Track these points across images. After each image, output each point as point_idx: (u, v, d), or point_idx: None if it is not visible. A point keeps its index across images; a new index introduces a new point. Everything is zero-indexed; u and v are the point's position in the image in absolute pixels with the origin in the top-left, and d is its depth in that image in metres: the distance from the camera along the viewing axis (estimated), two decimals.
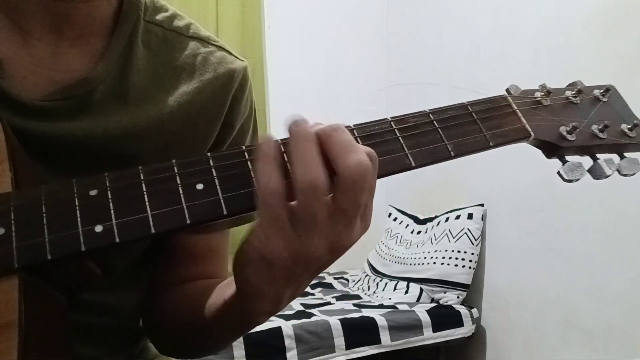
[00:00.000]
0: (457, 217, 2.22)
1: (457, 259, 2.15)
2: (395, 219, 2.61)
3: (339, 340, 1.91)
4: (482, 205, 2.21)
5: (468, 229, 2.16)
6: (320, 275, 2.65)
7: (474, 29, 2.30)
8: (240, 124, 0.63)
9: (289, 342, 1.84)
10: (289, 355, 1.83)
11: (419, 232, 2.42)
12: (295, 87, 2.71)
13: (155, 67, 0.56)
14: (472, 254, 2.15)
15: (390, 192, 2.83)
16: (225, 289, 0.50)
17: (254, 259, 0.39)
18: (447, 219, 2.26)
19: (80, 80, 0.52)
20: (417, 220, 2.49)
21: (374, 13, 2.93)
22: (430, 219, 2.39)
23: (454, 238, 2.18)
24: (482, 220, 2.19)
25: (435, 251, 2.21)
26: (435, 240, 2.25)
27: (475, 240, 2.16)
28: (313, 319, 1.96)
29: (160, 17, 0.59)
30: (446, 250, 2.18)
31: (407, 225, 2.52)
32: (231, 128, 0.61)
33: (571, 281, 1.84)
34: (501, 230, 2.17)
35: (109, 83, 0.53)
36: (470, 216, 2.19)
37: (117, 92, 0.53)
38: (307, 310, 2.09)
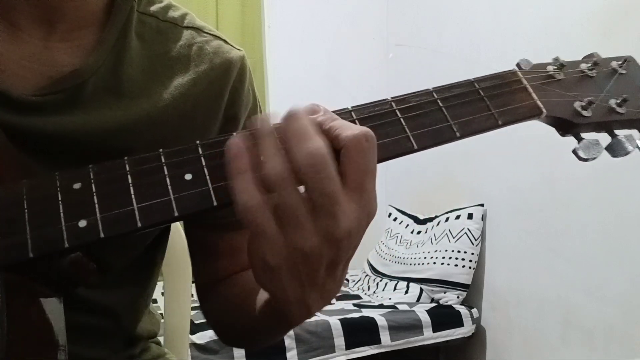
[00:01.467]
0: (457, 217, 2.22)
1: (457, 259, 2.15)
2: (395, 219, 2.61)
3: (339, 340, 1.91)
4: (482, 205, 2.21)
5: (468, 229, 2.16)
6: None
7: (474, 29, 2.29)
8: (247, 116, 0.61)
9: (289, 342, 1.84)
10: (289, 355, 1.83)
11: (419, 232, 2.42)
12: (295, 87, 2.70)
13: (149, 59, 0.55)
14: (472, 254, 2.15)
15: (390, 192, 2.83)
16: (258, 290, 0.49)
17: (256, 266, 0.38)
18: (447, 219, 2.26)
19: (70, 73, 0.50)
20: (417, 220, 2.49)
21: (374, 13, 2.93)
22: (430, 219, 2.39)
23: (454, 238, 2.18)
24: (482, 220, 2.19)
25: (435, 251, 2.21)
26: (435, 240, 2.25)
27: (475, 240, 2.16)
28: (313, 318, 1.96)
29: (154, 8, 0.58)
30: (446, 250, 2.18)
31: (407, 225, 2.52)
32: (236, 121, 0.60)
33: (571, 281, 1.84)
34: (501, 230, 2.17)
35: (101, 75, 0.52)
36: (470, 216, 2.19)
37: (110, 85, 0.52)
38: None
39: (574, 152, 0.47)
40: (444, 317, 2.09)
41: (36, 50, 0.50)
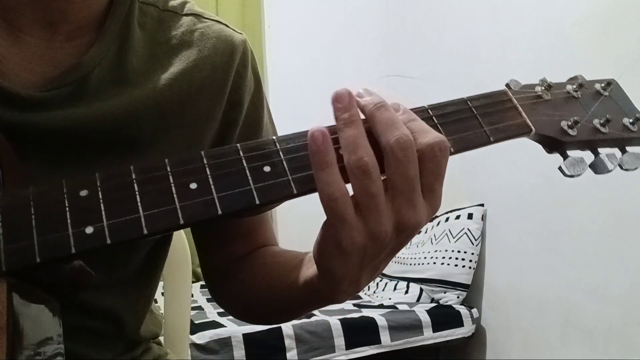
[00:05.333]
0: (457, 217, 2.22)
1: (457, 259, 2.15)
2: None
3: (339, 340, 1.91)
4: (482, 205, 2.21)
5: (468, 229, 2.16)
6: None
7: (474, 29, 2.29)
8: (250, 100, 0.61)
9: (289, 342, 1.84)
10: (289, 355, 1.83)
11: (419, 232, 2.42)
12: (295, 86, 2.70)
13: (152, 48, 0.55)
14: (472, 254, 2.15)
15: None
16: (301, 268, 0.50)
17: (328, 249, 0.40)
18: (447, 219, 2.26)
19: (73, 66, 0.50)
20: None
21: (373, 13, 2.93)
22: (430, 219, 2.39)
23: (454, 238, 2.18)
24: (482, 220, 2.19)
25: (435, 251, 2.21)
26: (435, 240, 2.25)
27: (475, 240, 2.16)
28: (313, 319, 1.96)
29: None
30: (446, 250, 2.18)
31: None
32: (240, 106, 0.60)
33: (571, 281, 1.84)
34: (501, 230, 2.17)
35: (105, 66, 0.52)
36: (470, 216, 2.19)
37: (114, 76, 0.52)
38: None
39: (560, 168, 0.50)
40: (444, 317, 2.09)
41: (38, 51, 0.50)
